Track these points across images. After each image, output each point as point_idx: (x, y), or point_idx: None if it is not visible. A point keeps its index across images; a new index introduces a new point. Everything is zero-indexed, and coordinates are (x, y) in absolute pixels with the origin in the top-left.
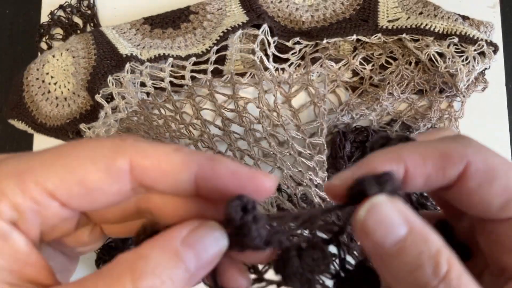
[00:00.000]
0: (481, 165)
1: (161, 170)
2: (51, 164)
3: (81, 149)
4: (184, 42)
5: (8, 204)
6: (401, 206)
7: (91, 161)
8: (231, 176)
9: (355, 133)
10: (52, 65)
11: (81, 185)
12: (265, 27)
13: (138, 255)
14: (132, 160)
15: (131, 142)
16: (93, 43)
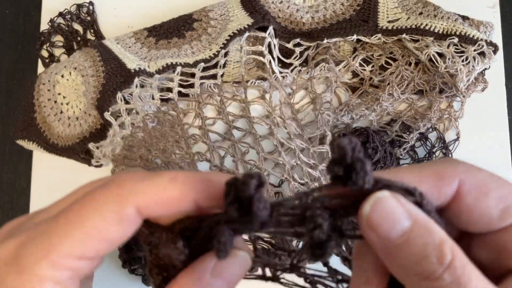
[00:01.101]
0: (473, 181)
1: (162, 205)
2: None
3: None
4: (191, 49)
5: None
6: (404, 201)
7: (103, 220)
8: None
9: (355, 134)
10: (63, 85)
11: (102, 241)
12: (271, 29)
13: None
14: (136, 205)
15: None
16: (100, 60)
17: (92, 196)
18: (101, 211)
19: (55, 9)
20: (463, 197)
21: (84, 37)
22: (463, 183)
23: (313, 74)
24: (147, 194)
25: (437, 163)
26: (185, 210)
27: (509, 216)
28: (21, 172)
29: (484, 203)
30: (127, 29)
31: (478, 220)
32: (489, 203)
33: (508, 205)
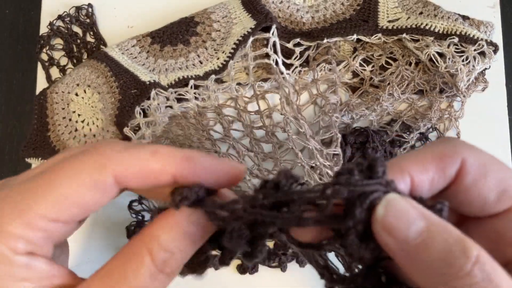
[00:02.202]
0: (474, 160)
1: (141, 176)
2: (46, 196)
3: (67, 173)
4: (198, 58)
5: (22, 241)
6: (413, 202)
7: (80, 184)
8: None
9: (355, 134)
10: (78, 103)
11: (77, 206)
12: (274, 28)
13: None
14: (115, 173)
15: (109, 154)
16: (112, 76)
17: (72, 161)
18: (79, 176)
19: (54, 11)
20: (464, 175)
21: (83, 40)
22: (465, 162)
23: (316, 76)
24: (127, 164)
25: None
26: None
27: (505, 200)
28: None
29: (482, 183)
30: (127, 29)
31: (475, 201)
32: (488, 184)
33: (505, 189)
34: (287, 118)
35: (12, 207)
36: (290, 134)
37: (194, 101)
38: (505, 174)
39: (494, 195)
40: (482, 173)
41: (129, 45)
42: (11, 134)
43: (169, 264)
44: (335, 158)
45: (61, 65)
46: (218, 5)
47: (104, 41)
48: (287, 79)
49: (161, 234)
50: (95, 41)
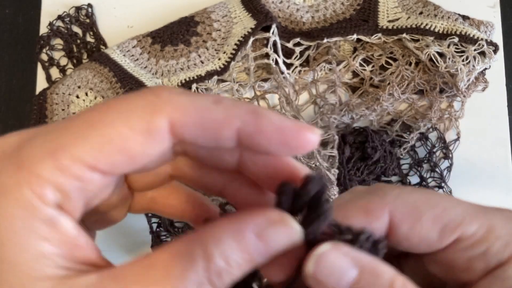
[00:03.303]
0: (403, 209)
1: (201, 125)
2: (85, 136)
3: (114, 113)
4: (199, 58)
5: (51, 187)
6: (346, 249)
7: (128, 127)
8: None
9: (355, 134)
10: (78, 105)
11: (122, 153)
12: (274, 27)
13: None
14: (171, 118)
15: (166, 96)
16: (117, 81)
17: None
18: (128, 117)
19: (54, 12)
20: (397, 227)
21: (83, 40)
22: (394, 214)
23: (316, 76)
24: (186, 110)
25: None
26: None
27: (448, 235)
28: None
29: (419, 228)
30: (127, 29)
31: (419, 244)
32: (424, 227)
33: (444, 224)
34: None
35: (44, 146)
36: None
37: None
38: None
39: (435, 235)
40: (416, 219)
41: (129, 46)
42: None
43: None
44: (331, 159)
45: (61, 66)
46: (218, 5)
47: (104, 41)
48: (287, 79)
49: (226, 240)
50: (95, 41)
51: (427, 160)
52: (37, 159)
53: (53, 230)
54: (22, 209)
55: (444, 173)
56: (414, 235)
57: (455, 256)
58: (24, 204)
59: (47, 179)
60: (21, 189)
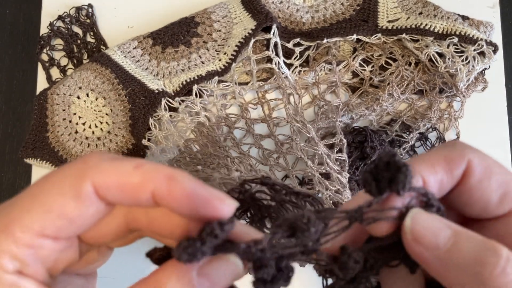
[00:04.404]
0: (479, 163)
1: (119, 188)
2: (30, 208)
3: (49, 184)
4: (200, 59)
5: (7, 257)
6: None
7: (60, 194)
8: (186, 199)
9: (354, 134)
10: (79, 106)
11: (61, 217)
12: (275, 28)
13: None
14: (94, 182)
15: (92, 163)
16: (119, 83)
17: (56, 172)
18: (60, 185)
19: (54, 12)
20: (469, 177)
21: (84, 40)
22: (471, 163)
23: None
24: (106, 174)
25: (446, 147)
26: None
27: (507, 202)
28: (21, 172)
29: (486, 185)
30: (127, 29)
31: (479, 202)
32: (491, 186)
33: (507, 191)
34: (294, 126)
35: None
36: (298, 142)
37: (203, 114)
38: (508, 178)
39: (497, 197)
40: (486, 175)
41: (130, 47)
42: (11, 134)
43: None
44: (341, 163)
45: (62, 66)
46: (218, 5)
47: (104, 42)
48: (290, 80)
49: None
50: (95, 41)
51: None
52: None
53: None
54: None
55: None
56: (479, 189)
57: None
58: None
59: (3, 251)
60: None
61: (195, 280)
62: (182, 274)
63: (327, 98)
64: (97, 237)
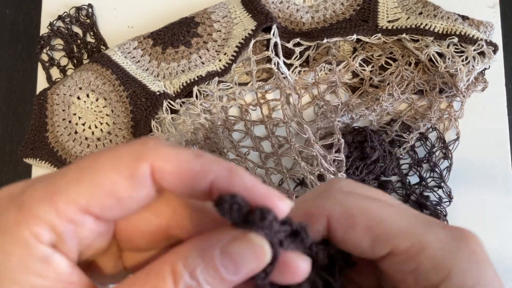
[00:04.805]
0: (340, 215)
1: (179, 175)
2: (79, 181)
3: (103, 160)
4: (200, 59)
5: (46, 227)
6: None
7: (115, 172)
8: (245, 192)
9: (353, 133)
10: (79, 106)
11: (110, 196)
12: (275, 28)
13: (178, 255)
14: (153, 165)
15: (151, 146)
16: (120, 84)
17: (112, 149)
18: (116, 162)
19: (54, 12)
20: (333, 230)
21: (84, 40)
22: (331, 218)
23: (317, 78)
24: (167, 159)
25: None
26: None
27: (380, 247)
28: (21, 172)
29: (352, 236)
30: (127, 29)
31: (354, 250)
32: (357, 235)
33: (376, 236)
34: (290, 127)
35: (43, 191)
36: (293, 143)
37: (203, 115)
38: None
39: (367, 244)
40: (350, 225)
41: (130, 47)
42: (11, 134)
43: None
44: (338, 163)
45: (62, 66)
46: (218, 5)
47: (104, 42)
48: (289, 80)
49: (191, 256)
50: (95, 41)
51: (426, 160)
52: (36, 201)
53: (46, 267)
54: (19, 247)
55: (444, 173)
56: (347, 242)
57: (390, 267)
58: (21, 242)
59: (43, 219)
60: (20, 229)
61: (218, 259)
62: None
63: (327, 98)
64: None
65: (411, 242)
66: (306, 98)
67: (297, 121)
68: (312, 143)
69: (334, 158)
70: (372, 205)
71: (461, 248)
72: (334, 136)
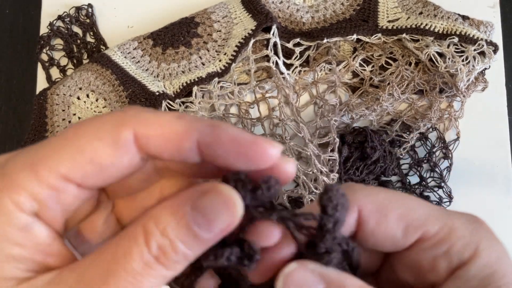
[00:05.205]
0: (371, 205)
1: (163, 137)
2: (60, 149)
3: (86, 128)
4: (200, 60)
5: (27, 195)
6: (312, 265)
7: (97, 138)
8: (232, 143)
9: (354, 134)
10: (79, 106)
11: (92, 163)
12: (275, 28)
13: (149, 216)
14: (136, 130)
15: (133, 113)
16: (119, 84)
17: (94, 119)
18: (98, 130)
19: (54, 12)
20: (365, 222)
21: (84, 40)
22: (362, 209)
23: (316, 77)
24: (149, 124)
25: None
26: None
27: (411, 233)
28: None
29: (385, 225)
30: (127, 29)
31: (384, 241)
32: (390, 224)
33: (408, 224)
34: (285, 124)
35: (24, 160)
36: (288, 141)
37: (201, 114)
38: (404, 210)
39: (400, 233)
40: (382, 215)
41: (130, 48)
42: (11, 134)
43: (167, 255)
44: (331, 163)
45: (61, 66)
46: (218, 5)
47: (104, 42)
48: (287, 80)
49: (162, 215)
50: (95, 41)
51: (426, 160)
52: (18, 170)
53: (26, 236)
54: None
55: (444, 173)
56: (380, 232)
57: (420, 256)
58: (1, 210)
59: (24, 188)
60: (1, 196)
61: (189, 215)
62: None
63: (327, 98)
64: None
65: (440, 226)
66: (306, 97)
67: (293, 119)
68: (307, 143)
69: (329, 158)
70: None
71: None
72: (330, 135)
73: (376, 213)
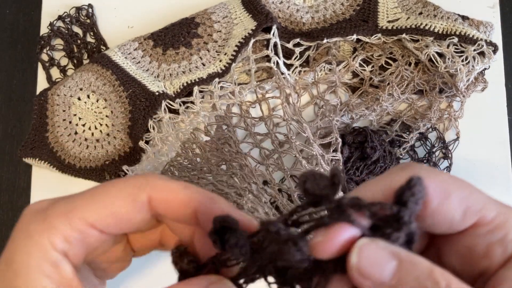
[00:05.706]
0: (436, 185)
1: (169, 203)
2: (90, 203)
3: (112, 188)
4: (200, 60)
5: (61, 237)
6: (383, 243)
7: (120, 198)
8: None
9: (354, 134)
10: (79, 107)
11: (113, 216)
12: (275, 28)
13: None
14: (150, 195)
15: (151, 180)
16: (120, 85)
17: (120, 180)
18: (121, 191)
19: (54, 12)
20: (427, 202)
21: (84, 40)
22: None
23: (316, 78)
24: (161, 190)
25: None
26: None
27: (470, 216)
28: (21, 172)
29: (447, 206)
30: (127, 29)
31: (443, 222)
32: (452, 205)
33: (468, 206)
34: (290, 124)
35: (62, 208)
36: (294, 141)
37: (202, 113)
38: (466, 193)
39: (459, 214)
40: (445, 196)
41: (131, 48)
42: (11, 134)
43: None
44: (334, 163)
45: (62, 66)
46: (218, 5)
47: (104, 42)
48: (288, 80)
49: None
50: (95, 41)
51: (426, 160)
52: (56, 216)
53: (55, 271)
54: (38, 251)
55: None
56: (441, 212)
57: (474, 241)
58: (40, 247)
59: (59, 230)
60: (41, 236)
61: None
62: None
63: (327, 98)
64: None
65: (497, 212)
66: (306, 97)
67: (297, 120)
68: (311, 142)
69: (332, 158)
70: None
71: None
72: (332, 135)
73: (439, 193)
